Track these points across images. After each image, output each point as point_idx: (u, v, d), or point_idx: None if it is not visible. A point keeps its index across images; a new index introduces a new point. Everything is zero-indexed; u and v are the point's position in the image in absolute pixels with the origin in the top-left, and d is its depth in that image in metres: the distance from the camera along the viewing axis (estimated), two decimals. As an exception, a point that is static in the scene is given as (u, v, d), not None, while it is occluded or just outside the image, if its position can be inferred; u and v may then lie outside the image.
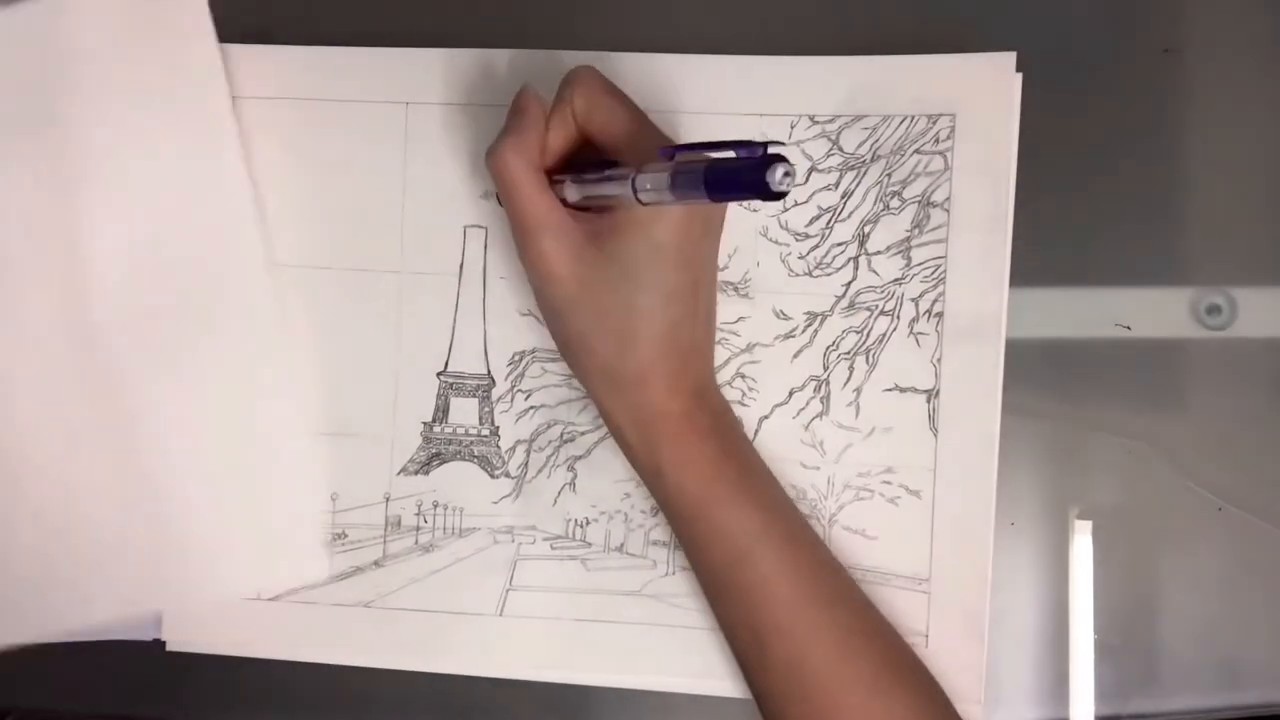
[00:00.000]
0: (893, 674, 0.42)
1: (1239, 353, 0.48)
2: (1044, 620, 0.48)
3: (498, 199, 0.45)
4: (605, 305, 0.40)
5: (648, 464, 0.42)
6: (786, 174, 0.31)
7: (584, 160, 0.42)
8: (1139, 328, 0.48)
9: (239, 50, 0.49)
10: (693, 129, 0.47)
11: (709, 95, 0.47)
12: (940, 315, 0.47)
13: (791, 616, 0.41)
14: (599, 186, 0.39)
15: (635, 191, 0.36)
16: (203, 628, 0.49)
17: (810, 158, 0.47)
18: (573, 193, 0.40)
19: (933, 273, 0.47)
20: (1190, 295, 0.48)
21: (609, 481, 0.48)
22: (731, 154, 0.33)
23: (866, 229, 0.47)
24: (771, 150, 0.32)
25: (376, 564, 0.49)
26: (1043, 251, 0.47)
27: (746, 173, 0.31)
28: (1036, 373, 0.48)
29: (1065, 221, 0.48)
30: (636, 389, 0.41)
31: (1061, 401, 0.48)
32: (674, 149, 0.36)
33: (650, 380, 0.41)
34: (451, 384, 0.49)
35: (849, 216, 0.47)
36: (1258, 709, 0.47)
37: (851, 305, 0.47)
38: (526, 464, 0.49)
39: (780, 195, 0.31)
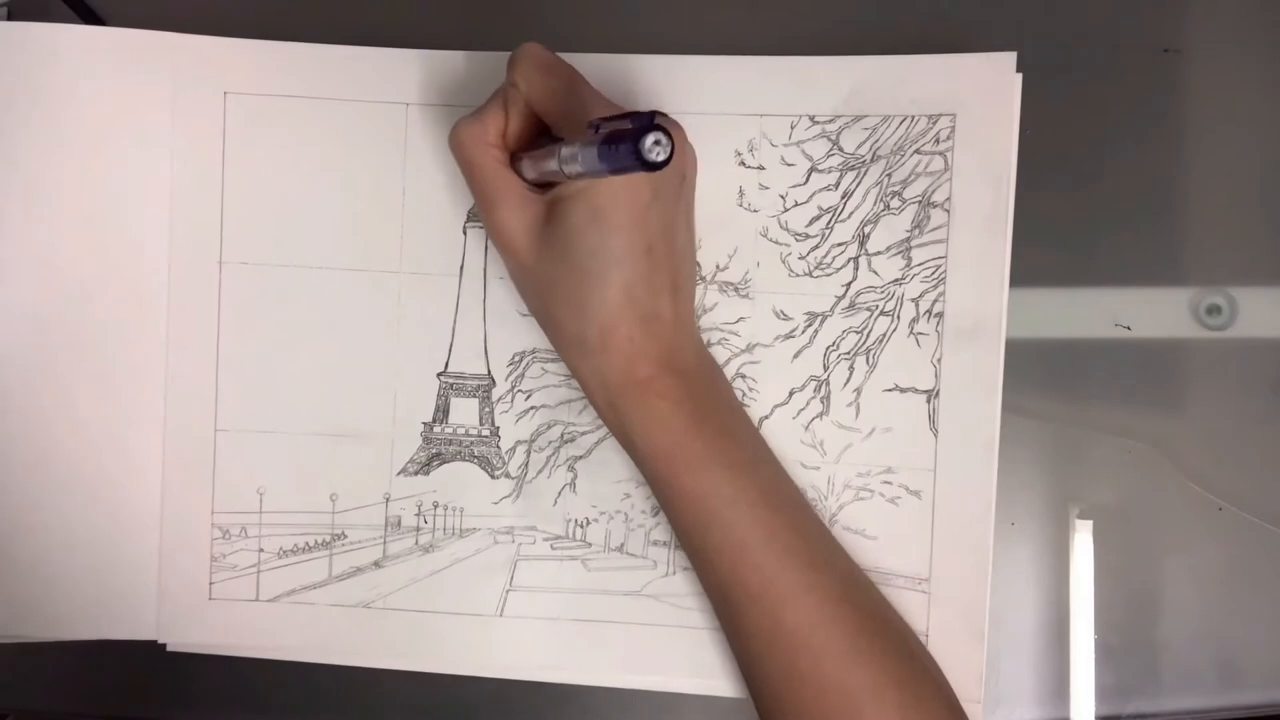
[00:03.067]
0: (872, 638, 0.42)
1: (1239, 353, 0.48)
2: (1044, 620, 0.48)
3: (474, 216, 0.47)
4: (558, 274, 0.41)
5: (618, 430, 0.43)
6: (656, 143, 0.31)
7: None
8: (1139, 328, 0.48)
9: (239, 45, 0.48)
10: (693, 130, 0.47)
11: (709, 96, 0.47)
12: (940, 315, 0.47)
13: (765, 580, 0.41)
14: (541, 162, 0.39)
15: (561, 166, 0.36)
16: (203, 628, 0.49)
17: (810, 158, 0.47)
18: (528, 169, 0.41)
19: (933, 273, 0.47)
20: (1190, 295, 0.48)
21: (609, 482, 0.48)
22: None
23: (867, 229, 0.47)
24: (656, 119, 0.32)
25: (376, 565, 0.49)
26: (1043, 251, 0.47)
27: (625, 144, 0.32)
28: (1036, 373, 0.48)
29: (1065, 221, 0.48)
30: (600, 355, 0.41)
31: (1061, 401, 0.48)
32: (598, 122, 0.36)
33: (612, 346, 0.41)
34: (452, 384, 0.49)
35: (849, 217, 0.47)
36: (1258, 709, 0.48)
37: (852, 305, 0.47)
38: (527, 464, 0.49)
39: (656, 165, 0.31)
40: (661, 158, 0.31)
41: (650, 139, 0.31)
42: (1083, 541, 0.48)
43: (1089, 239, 0.48)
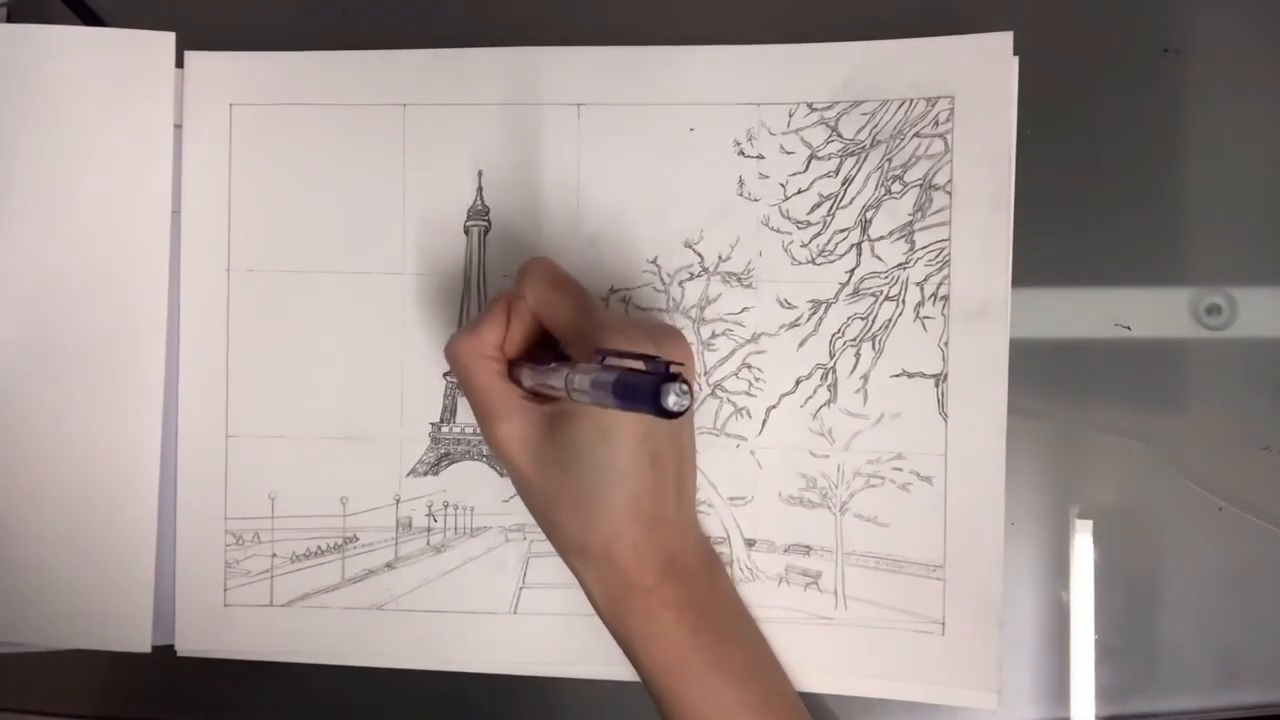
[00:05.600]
0: None
1: (1239, 353, 0.48)
2: (1044, 620, 0.48)
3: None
4: (560, 485, 0.41)
5: (619, 636, 0.43)
6: (679, 395, 0.31)
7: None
8: (1139, 328, 0.48)
9: (236, 58, 0.49)
10: (692, 120, 0.47)
11: (706, 86, 0.47)
12: (946, 299, 0.46)
13: None
14: (546, 377, 0.39)
15: (568, 389, 0.36)
16: (218, 636, 0.49)
17: (810, 145, 0.47)
18: (527, 378, 0.41)
19: (936, 256, 0.46)
20: (1190, 295, 0.48)
21: (618, 476, 0.48)
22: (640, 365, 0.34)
23: (868, 214, 0.47)
24: (672, 369, 0.32)
25: (388, 566, 0.49)
26: (1043, 252, 0.47)
27: (644, 390, 0.31)
28: (1036, 373, 0.47)
29: (1065, 221, 0.48)
30: (603, 562, 0.41)
31: (1061, 401, 0.48)
32: (604, 352, 0.37)
33: (615, 554, 0.41)
34: (458, 384, 0.49)
35: (850, 203, 0.47)
36: (1258, 709, 0.47)
37: (856, 292, 0.47)
38: (535, 461, 0.48)
39: (675, 415, 0.31)
40: (683, 409, 0.31)
41: (672, 394, 0.31)
42: (1083, 541, 0.48)
43: (1089, 239, 0.48)
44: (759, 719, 0.42)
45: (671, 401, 0.31)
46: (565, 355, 0.42)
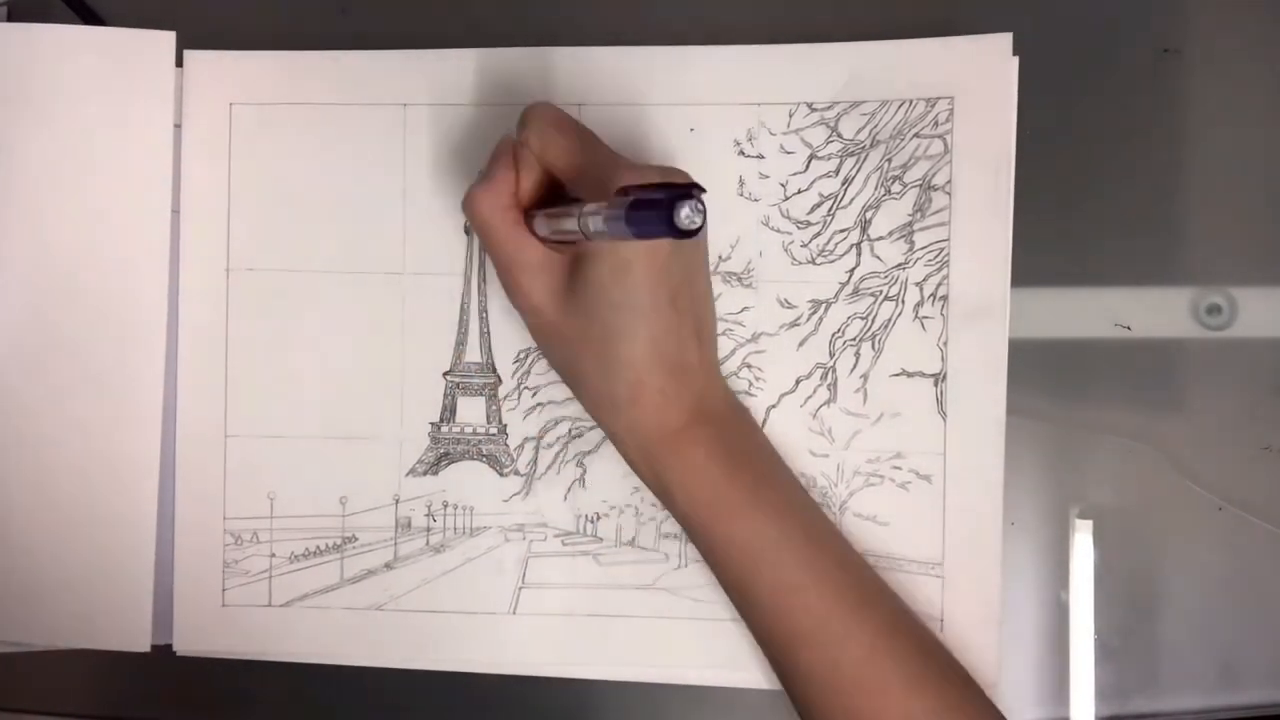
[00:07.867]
0: (924, 668, 0.42)
1: (1239, 353, 0.48)
2: (1044, 620, 0.48)
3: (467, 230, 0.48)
4: (584, 331, 0.41)
5: (655, 484, 0.42)
6: (691, 212, 0.31)
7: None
8: (1139, 328, 0.48)
9: (236, 57, 0.49)
10: (691, 121, 0.47)
11: (706, 86, 0.47)
12: (945, 299, 0.46)
13: (817, 622, 0.41)
14: (559, 222, 0.39)
15: (582, 228, 0.36)
16: (217, 636, 0.49)
17: (810, 145, 0.47)
18: (541, 226, 0.41)
19: (936, 256, 0.46)
20: (1190, 295, 0.48)
21: (618, 476, 0.48)
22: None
23: (868, 215, 0.47)
24: (688, 187, 0.32)
25: (388, 566, 0.49)
26: (1043, 251, 0.47)
27: (656, 212, 0.31)
28: (1036, 373, 0.47)
29: (1065, 221, 0.48)
30: (631, 409, 0.41)
31: (1061, 401, 0.48)
32: (626, 188, 0.36)
33: (643, 399, 0.41)
34: (458, 383, 0.49)
35: (850, 203, 0.47)
36: (1258, 709, 0.47)
37: (856, 291, 0.47)
38: (535, 461, 0.48)
39: (690, 233, 0.31)
40: (696, 225, 0.31)
41: (685, 209, 0.31)
42: (1083, 541, 0.48)
43: (1089, 239, 0.48)
44: (805, 551, 0.42)
45: (684, 215, 0.30)
46: (574, 201, 0.41)
